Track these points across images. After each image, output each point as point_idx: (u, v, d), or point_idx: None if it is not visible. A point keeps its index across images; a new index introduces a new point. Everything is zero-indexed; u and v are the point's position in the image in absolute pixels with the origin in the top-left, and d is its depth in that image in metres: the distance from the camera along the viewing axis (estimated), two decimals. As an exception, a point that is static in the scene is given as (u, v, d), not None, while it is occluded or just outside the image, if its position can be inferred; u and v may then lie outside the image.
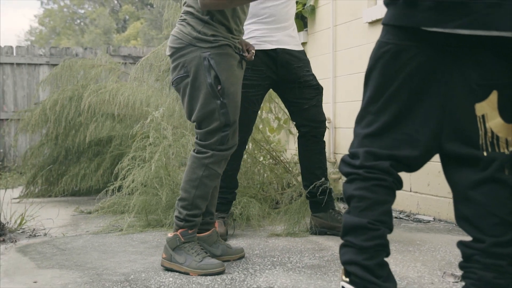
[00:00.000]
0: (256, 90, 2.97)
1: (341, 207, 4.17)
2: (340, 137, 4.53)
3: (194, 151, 2.44)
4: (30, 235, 3.28)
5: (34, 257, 2.73)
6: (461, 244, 1.52)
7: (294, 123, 3.18)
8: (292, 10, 3.12)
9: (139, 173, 3.46)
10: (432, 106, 1.46)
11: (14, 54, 7.29)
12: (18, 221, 3.41)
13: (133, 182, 3.46)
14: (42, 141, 4.84)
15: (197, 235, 2.50)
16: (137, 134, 3.77)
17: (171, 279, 2.30)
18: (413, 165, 1.54)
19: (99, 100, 4.17)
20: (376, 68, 1.52)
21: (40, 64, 7.31)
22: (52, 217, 3.80)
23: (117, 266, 2.53)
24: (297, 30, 3.50)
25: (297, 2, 4.79)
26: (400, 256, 2.62)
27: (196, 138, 2.44)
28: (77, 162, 4.69)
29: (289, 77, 3.03)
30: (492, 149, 1.44)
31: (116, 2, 25.95)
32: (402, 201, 3.79)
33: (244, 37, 2.92)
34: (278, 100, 4.21)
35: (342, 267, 1.56)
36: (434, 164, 2.08)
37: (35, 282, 2.30)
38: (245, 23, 2.94)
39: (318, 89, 3.09)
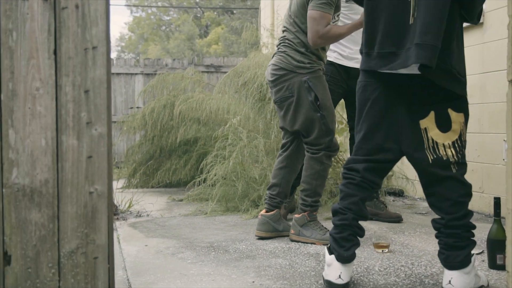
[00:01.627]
0: (331, 94, 3.70)
1: (391, 199, 4.81)
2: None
3: (308, 152, 3.22)
4: (136, 215, 4.19)
5: (142, 230, 3.61)
6: (432, 221, 2.19)
7: (349, 127, 3.89)
8: None
9: (220, 168, 4.27)
10: (391, 123, 2.15)
11: (114, 65, 8.41)
12: (127, 205, 4.33)
13: (215, 175, 4.29)
14: (141, 141, 5.81)
15: (265, 213, 3.27)
16: (218, 136, 4.59)
17: (244, 246, 3.08)
18: (391, 163, 2.23)
19: (187, 108, 5.05)
20: (356, 100, 2.24)
21: (136, 74, 8.39)
22: (152, 203, 4.71)
23: (203, 237, 3.35)
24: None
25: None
26: (426, 236, 3.26)
27: (307, 144, 3.22)
28: (169, 159, 5.60)
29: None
30: (435, 154, 2.09)
31: (199, 9, 27.38)
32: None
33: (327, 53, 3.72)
34: (338, 107, 4.88)
35: None
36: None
37: (146, 245, 3.15)
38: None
39: None
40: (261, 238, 3.25)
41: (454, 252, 2.10)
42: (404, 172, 4.60)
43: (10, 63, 1.37)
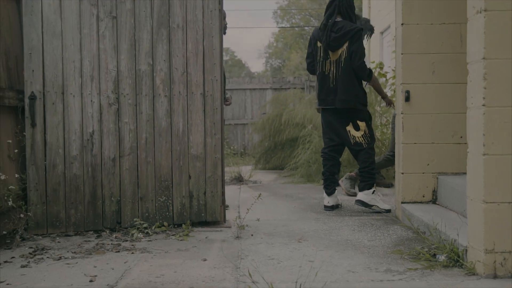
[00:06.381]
0: None
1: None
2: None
3: None
4: (253, 182, 7.09)
5: (253, 188, 6.49)
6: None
7: None
8: None
9: (303, 155, 7.00)
10: (333, 130, 4.74)
11: (252, 82, 11.49)
12: (248, 177, 7.27)
13: (300, 160, 7.02)
14: (263, 138, 8.73)
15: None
16: (303, 136, 7.31)
17: (302, 195, 5.79)
18: (339, 146, 4.82)
19: (289, 117, 7.84)
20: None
21: (266, 89, 11.40)
22: (264, 177, 7.59)
23: (284, 191, 6.12)
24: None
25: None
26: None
27: None
28: (281, 150, 8.43)
29: None
30: (354, 140, 4.65)
31: (335, 18, 29.91)
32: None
33: None
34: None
35: None
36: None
37: (252, 194, 6.01)
38: None
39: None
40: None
41: (360, 184, 4.68)
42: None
43: (190, 120, 4.27)
